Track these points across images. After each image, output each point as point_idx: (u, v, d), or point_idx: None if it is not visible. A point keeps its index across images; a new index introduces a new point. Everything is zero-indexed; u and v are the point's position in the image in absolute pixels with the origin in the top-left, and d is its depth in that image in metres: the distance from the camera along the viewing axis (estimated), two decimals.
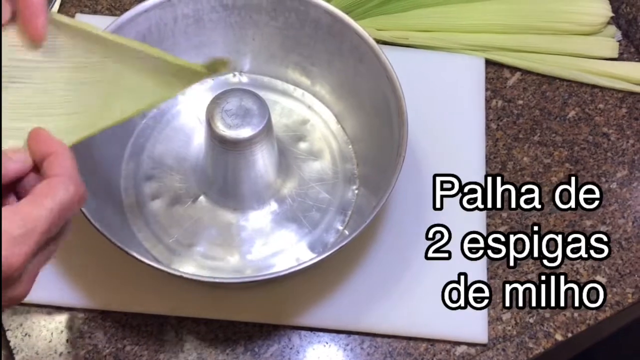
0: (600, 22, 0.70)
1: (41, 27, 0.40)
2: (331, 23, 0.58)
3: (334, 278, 0.58)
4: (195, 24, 0.60)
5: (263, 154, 0.56)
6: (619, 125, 0.68)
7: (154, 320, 0.57)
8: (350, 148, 0.63)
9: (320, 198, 0.61)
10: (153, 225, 0.59)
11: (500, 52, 0.70)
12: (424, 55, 0.69)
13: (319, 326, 0.57)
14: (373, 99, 0.59)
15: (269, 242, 0.59)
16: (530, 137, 0.67)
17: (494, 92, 0.69)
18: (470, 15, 0.70)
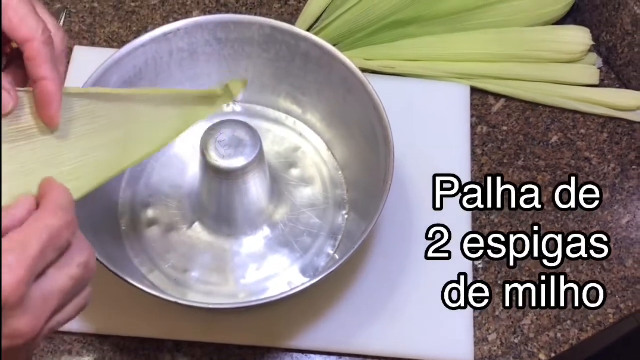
0: (581, 51, 0.73)
1: (54, 115, 0.41)
2: (320, 55, 0.61)
3: (325, 301, 0.60)
4: (190, 57, 0.62)
5: (256, 181, 0.58)
6: (600, 149, 0.70)
7: (150, 344, 0.59)
8: (340, 174, 0.65)
9: (312, 223, 0.63)
10: (149, 251, 0.61)
11: (485, 80, 0.73)
12: (411, 83, 0.72)
13: (311, 348, 0.59)
14: (361, 127, 0.61)
15: (262, 267, 0.61)
16: (515, 161, 0.69)
17: (479, 119, 0.71)
18: (455, 45, 0.72)
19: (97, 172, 0.44)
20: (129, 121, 0.45)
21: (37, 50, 0.41)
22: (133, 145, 0.45)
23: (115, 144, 0.45)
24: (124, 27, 0.75)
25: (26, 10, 0.41)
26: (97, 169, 0.44)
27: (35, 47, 0.41)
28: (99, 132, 0.44)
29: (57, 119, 0.42)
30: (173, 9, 0.76)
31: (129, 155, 0.45)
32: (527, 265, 0.63)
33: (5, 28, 0.41)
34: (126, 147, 0.45)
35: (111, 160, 0.44)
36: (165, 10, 0.76)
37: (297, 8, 0.77)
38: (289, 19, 0.76)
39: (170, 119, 0.46)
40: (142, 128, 0.45)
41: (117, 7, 0.76)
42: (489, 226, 0.65)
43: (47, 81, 0.41)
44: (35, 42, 0.41)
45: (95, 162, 0.44)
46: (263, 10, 0.77)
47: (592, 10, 0.76)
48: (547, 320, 0.61)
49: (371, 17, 0.72)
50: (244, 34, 0.62)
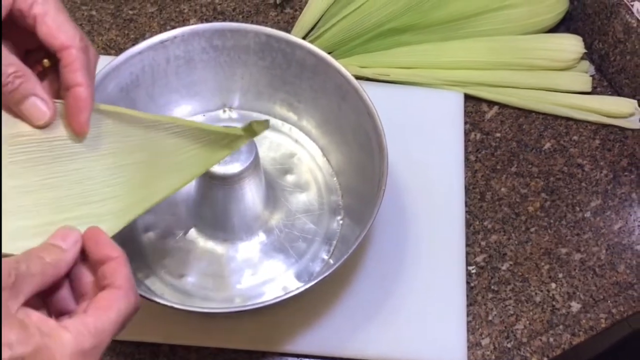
0: (573, 58, 0.74)
1: (84, 122, 0.42)
2: (316, 63, 0.62)
3: (320, 305, 0.61)
4: (186, 64, 0.63)
5: (251, 187, 0.59)
6: (592, 156, 0.71)
7: (146, 348, 0.59)
8: (335, 180, 0.66)
9: (307, 229, 0.63)
10: (146, 256, 0.61)
11: (479, 87, 0.73)
12: (405, 90, 0.73)
13: (306, 352, 0.59)
14: (356, 134, 0.62)
15: (258, 272, 0.61)
16: (508, 168, 0.70)
17: (473, 125, 0.72)
18: (449, 52, 0.73)
19: (123, 200, 0.44)
20: (151, 147, 0.45)
21: (74, 57, 0.41)
22: (153, 180, 0.45)
23: (141, 167, 0.45)
24: (121, 34, 0.76)
25: (63, 18, 0.42)
26: (123, 195, 0.44)
27: (73, 54, 0.41)
28: (125, 152, 0.44)
29: (86, 127, 0.42)
30: (170, 17, 0.77)
31: (150, 190, 0.45)
32: (520, 270, 0.64)
33: (43, 35, 0.41)
34: (149, 174, 0.45)
35: (134, 188, 0.45)
36: (163, 18, 0.77)
37: (293, 16, 0.77)
38: (285, 27, 0.77)
39: (190, 153, 0.47)
40: (164, 156, 0.46)
41: (115, 15, 0.77)
42: (482, 232, 0.66)
43: (81, 87, 0.41)
44: (73, 49, 0.41)
45: (122, 183, 0.44)
46: (259, 18, 0.78)
47: (585, 18, 0.77)
48: (540, 324, 0.61)
49: (366, 25, 0.73)
50: (240, 42, 0.62)
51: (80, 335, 0.35)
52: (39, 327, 0.34)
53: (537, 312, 0.62)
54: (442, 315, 0.61)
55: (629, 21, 0.71)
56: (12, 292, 0.34)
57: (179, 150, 0.46)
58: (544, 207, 0.68)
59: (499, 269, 0.64)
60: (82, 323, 0.36)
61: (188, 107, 0.66)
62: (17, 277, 0.35)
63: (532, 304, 0.62)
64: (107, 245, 0.40)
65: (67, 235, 0.40)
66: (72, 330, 0.35)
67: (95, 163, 0.44)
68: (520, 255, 0.65)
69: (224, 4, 0.79)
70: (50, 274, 0.37)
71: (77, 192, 0.43)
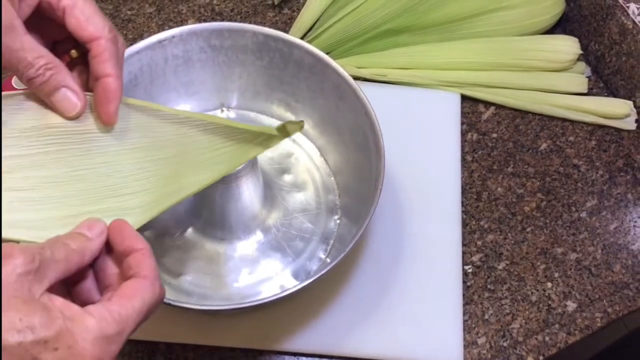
0: (569, 60, 0.74)
1: (113, 113, 0.42)
2: (313, 63, 0.62)
3: (316, 304, 0.61)
4: (184, 63, 0.63)
5: (249, 186, 0.59)
6: (588, 157, 0.72)
7: (144, 346, 0.59)
8: (332, 180, 0.66)
9: (304, 228, 0.64)
10: None
11: (475, 88, 0.74)
12: (402, 91, 0.73)
13: (303, 351, 0.60)
14: (353, 134, 0.62)
15: (255, 271, 0.61)
16: (504, 168, 0.70)
17: (470, 126, 0.73)
18: (446, 53, 0.74)
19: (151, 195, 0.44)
20: (181, 143, 0.45)
21: (103, 47, 0.42)
22: (182, 176, 0.45)
23: (171, 162, 0.45)
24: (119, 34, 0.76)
25: (92, 10, 0.42)
26: (151, 189, 0.44)
27: (102, 44, 0.42)
28: (155, 146, 0.44)
29: (115, 117, 0.42)
30: (168, 17, 0.77)
31: (178, 185, 0.45)
32: (516, 270, 0.64)
33: (72, 26, 0.42)
34: (178, 169, 0.45)
35: (162, 183, 0.45)
36: (161, 18, 0.77)
37: (291, 17, 0.78)
38: (283, 27, 0.77)
39: (221, 150, 0.47)
40: (194, 153, 0.46)
41: (114, 15, 0.77)
42: (479, 231, 0.66)
43: (110, 78, 0.42)
44: (102, 39, 0.42)
45: (151, 177, 0.44)
46: (257, 18, 0.78)
47: (581, 20, 0.77)
48: (536, 323, 0.62)
49: (363, 26, 0.73)
50: (237, 42, 0.63)
51: (103, 321, 0.35)
52: (62, 311, 0.34)
53: (533, 312, 0.62)
54: (438, 314, 0.61)
55: (624, 23, 0.71)
56: (36, 276, 0.34)
57: (211, 146, 0.46)
58: (540, 207, 0.68)
59: (495, 268, 0.64)
60: (106, 309, 0.36)
61: (186, 107, 0.66)
62: (41, 263, 0.35)
63: (528, 303, 0.63)
64: (133, 237, 0.40)
65: (92, 226, 0.40)
66: (96, 315, 0.35)
67: (125, 156, 0.44)
68: (516, 254, 0.65)
69: (222, 4, 0.79)
70: (75, 261, 0.37)
71: (106, 185, 0.43)
